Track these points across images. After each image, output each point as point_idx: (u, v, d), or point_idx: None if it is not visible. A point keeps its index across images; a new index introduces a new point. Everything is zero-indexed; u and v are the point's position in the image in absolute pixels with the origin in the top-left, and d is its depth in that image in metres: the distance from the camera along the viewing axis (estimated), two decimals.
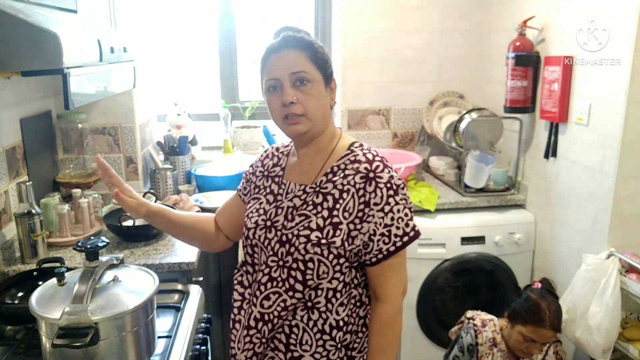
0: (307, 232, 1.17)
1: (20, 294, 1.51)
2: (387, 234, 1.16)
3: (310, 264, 1.17)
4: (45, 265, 1.58)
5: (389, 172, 1.17)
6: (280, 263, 1.20)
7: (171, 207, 2.13)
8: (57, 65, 1.22)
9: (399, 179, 1.18)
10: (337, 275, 1.19)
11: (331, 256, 1.17)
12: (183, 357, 1.33)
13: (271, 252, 1.22)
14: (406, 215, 1.18)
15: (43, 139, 2.10)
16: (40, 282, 1.29)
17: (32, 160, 1.95)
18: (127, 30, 2.21)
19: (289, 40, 1.19)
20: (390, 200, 1.16)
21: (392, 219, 1.16)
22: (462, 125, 2.52)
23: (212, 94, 3.03)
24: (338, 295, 1.20)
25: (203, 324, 1.62)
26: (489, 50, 2.80)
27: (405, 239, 1.18)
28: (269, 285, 1.22)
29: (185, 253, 1.84)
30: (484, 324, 1.94)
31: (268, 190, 1.30)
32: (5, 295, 1.48)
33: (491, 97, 2.75)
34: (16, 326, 1.41)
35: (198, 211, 2.26)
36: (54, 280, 1.22)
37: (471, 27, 2.87)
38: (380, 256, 1.18)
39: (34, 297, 1.17)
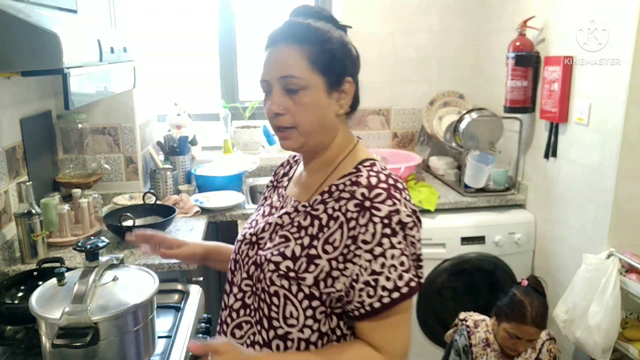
0: (279, 258, 0.96)
1: (20, 294, 1.51)
2: (372, 284, 0.90)
3: (275, 299, 0.96)
4: (45, 265, 1.58)
5: (394, 204, 0.91)
6: (254, 289, 1.01)
7: (172, 207, 2.14)
8: (57, 65, 1.22)
9: (409, 215, 0.93)
10: (310, 322, 0.95)
11: (301, 295, 0.94)
12: (183, 357, 1.32)
13: (246, 274, 1.03)
14: (402, 264, 0.91)
15: (43, 139, 2.10)
16: (40, 282, 1.29)
17: (32, 160, 1.95)
18: (127, 30, 2.21)
19: (285, 30, 0.98)
20: (385, 241, 0.90)
21: (383, 265, 0.90)
22: (462, 125, 2.52)
23: (212, 94, 3.03)
24: (312, 348, 0.97)
25: (203, 324, 1.61)
26: (489, 50, 2.80)
27: (395, 295, 0.90)
28: (241, 312, 1.03)
29: None
30: (477, 325, 1.96)
31: (269, 201, 1.14)
32: (5, 295, 1.47)
33: (491, 97, 2.75)
34: (16, 326, 1.41)
35: (197, 212, 2.26)
36: (54, 280, 1.22)
37: (471, 27, 2.87)
38: (362, 311, 0.92)
39: (34, 297, 1.17)
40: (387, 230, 0.90)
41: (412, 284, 0.92)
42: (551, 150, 2.27)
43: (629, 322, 1.94)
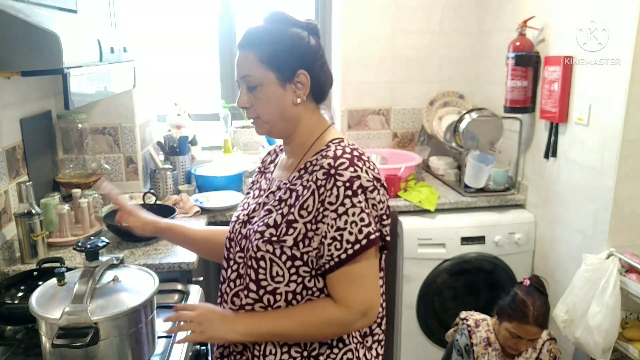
0: (263, 228, 1.11)
1: (20, 294, 1.51)
2: (339, 238, 1.05)
3: (262, 263, 1.11)
4: (45, 265, 1.58)
5: (355, 171, 1.05)
6: (245, 259, 1.16)
7: (172, 207, 2.14)
8: (57, 65, 1.22)
9: (369, 180, 1.06)
10: (295, 277, 1.10)
11: (284, 257, 1.09)
12: (183, 357, 1.33)
13: (239, 248, 1.17)
14: (362, 220, 1.05)
15: (43, 139, 2.10)
16: (40, 282, 1.29)
17: (32, 160, 1.95)
18: (127, 30, 2.21)
19: (243, 39, 1.15)
20: (347, 201, 1.04)
21: (346, 222, 1.05)
22: (462, 125, 2.52)
23: (212, 94, 3.03)
24: (299, 297, 1.11)
25: None
26: (489, 50, 2.80)
27: (357, 247, 1.05)
28: (237, 282, 1.17)
29: (185, 253, 1.83)
30: (477, 324, 1.96)
31: (257, 185, 1.30)
32: (5, 295, 1.48)
33: (491, 97, 2.75)
34: (16, 326, 1.41)
35: (197, 212, 2.26)
36: (54, 280, 1.22)
37: (471, 27, 2.87)
38: (332, 263, 1.06)
39: (34, 297, 1.17)
40: (349, 192, 1.05)
41: (372, 236, 1.06)
42: (551, 150, 2.27)
43: (629, 322, 1.94)
